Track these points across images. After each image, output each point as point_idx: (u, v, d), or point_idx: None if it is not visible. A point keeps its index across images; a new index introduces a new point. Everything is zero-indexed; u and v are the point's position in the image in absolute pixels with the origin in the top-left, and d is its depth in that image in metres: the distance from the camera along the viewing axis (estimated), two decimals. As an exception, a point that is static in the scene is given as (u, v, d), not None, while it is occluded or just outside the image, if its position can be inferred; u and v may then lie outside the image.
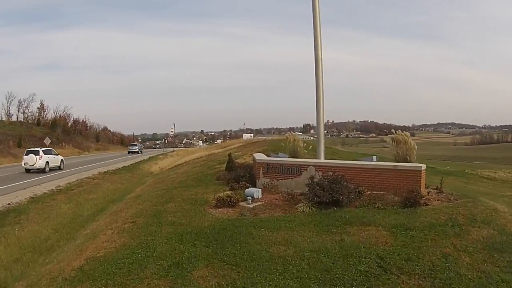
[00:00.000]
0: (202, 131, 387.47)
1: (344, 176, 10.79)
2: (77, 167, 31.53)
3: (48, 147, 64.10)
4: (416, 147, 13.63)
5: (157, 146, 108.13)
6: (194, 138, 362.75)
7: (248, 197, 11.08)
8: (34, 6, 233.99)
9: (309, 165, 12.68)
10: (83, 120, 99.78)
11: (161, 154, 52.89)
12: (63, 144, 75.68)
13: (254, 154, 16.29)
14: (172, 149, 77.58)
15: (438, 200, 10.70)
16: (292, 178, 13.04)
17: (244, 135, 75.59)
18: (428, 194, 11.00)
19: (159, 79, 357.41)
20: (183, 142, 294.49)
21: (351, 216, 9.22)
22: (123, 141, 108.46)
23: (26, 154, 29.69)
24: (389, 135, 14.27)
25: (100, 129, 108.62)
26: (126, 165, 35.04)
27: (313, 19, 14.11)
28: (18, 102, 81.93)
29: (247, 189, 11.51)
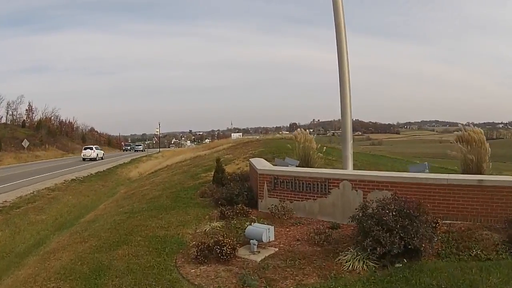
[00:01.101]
0: (190, 131, 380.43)
1: (422, 203, 6.06)
2: (46, 173, 26.07)
3: (27, 149, 59.24)
4: (490, 150, 9.02)
5: (131, 147, 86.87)
6: (183, 138, 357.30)
7: (252, 241, 6.17)
8: (20, 9, 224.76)
9: (342, 179, 7.87)
10: (69, 121, 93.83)
11: (145, 156, 47.32)
12: (47, 146, 69.59)
13: (251, 160, 11.39)
14: (158, 149, 71.95)
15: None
16: (314, 199, 8.24)
17: (232, 134, 70.52)
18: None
19: (146, 79, 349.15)
20: (172, 142, 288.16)
21: (450, 285, 4.51)
22: (110, 142, 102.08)
23: (85, 149, 45.03)
24: (454, 133, 9.55)
25: (87, 130, 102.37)
26: (103, 169, 29.66)
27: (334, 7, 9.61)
28: (7, 104, 76.66)
29: (249, 227, 6.54)
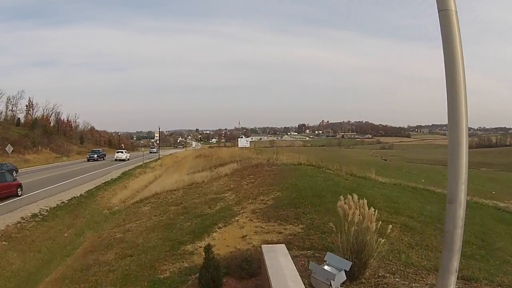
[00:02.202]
0: (197, 129, 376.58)
1: None
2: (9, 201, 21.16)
3: (17, 151, 55.19)
4: None
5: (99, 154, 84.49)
6: (189, 137, 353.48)
7: None
8: (26, 3, 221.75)
9: None
10: (67, 120, 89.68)
11: (140, 166, 42.05)
12: (39, 148, 64.91)
13: (266, 260, 6.47)
14: (157, 155, 66.75)
15: None
16: None
17: (239, 140, 65.45)
18: None
19: (154, 77, 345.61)
20: (178, 140, 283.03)
21: None
22: (111, 142, 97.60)
23: (117, 153, 60.85)
24: None
25: (87, 129, 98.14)
26: (82, 193, 24.37)
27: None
28: (7, 99, 73.48)
29: None
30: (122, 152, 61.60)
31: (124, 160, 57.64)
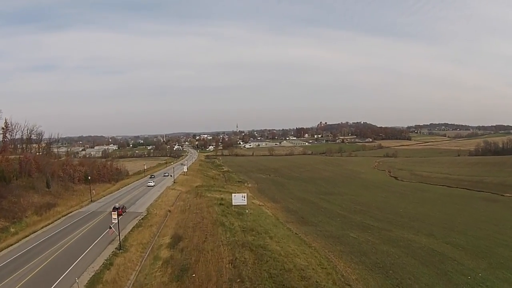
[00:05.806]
0: (194, 135, 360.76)
1: None
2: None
3: None
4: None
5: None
6: (186, 143, 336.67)
7: None
8: (22, 8, 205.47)
9: None
10: (34, 158, 73.35)
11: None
12: (-19, 219, 46.85)
13: None
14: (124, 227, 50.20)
15: None
16: None
17: (233, 196, 49.08)
18: None
19: (152, 79, 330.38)
20: (175, 149, 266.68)
21: None
22: (87, 178, 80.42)
23: (149, 180, 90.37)
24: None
25: (59, 164, 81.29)
26: None
27: None
28: None
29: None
30: (152, 181, 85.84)
31: (153, 186, 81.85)
